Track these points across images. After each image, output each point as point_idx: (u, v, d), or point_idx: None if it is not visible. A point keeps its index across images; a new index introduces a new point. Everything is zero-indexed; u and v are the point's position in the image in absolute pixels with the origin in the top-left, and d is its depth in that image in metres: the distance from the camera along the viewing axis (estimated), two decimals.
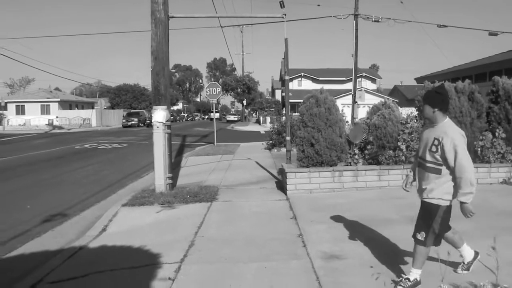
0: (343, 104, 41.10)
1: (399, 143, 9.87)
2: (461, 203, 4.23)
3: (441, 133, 4.25)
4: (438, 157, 4.29)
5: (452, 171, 4.25)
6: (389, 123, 9.99)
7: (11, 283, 5.48)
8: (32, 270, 5.92)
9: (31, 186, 12.66)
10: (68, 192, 11.67)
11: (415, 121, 10.29)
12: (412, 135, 9.90)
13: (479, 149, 10.07)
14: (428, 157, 4.37)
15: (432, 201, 4.38)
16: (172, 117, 33.22)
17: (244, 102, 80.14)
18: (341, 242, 6.25)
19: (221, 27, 22.01)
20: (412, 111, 11.30)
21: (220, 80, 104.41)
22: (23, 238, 7.64)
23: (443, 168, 4.30)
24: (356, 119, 21.47)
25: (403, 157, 9.85)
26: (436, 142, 4.27)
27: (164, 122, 10.03)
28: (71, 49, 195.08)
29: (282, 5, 11.48)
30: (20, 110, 63.95)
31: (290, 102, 13.12)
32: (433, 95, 4.34)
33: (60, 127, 55.97)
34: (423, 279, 4.57)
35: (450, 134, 4.23)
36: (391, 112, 10.15)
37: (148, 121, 59.55)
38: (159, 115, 10.00)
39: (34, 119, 60.61)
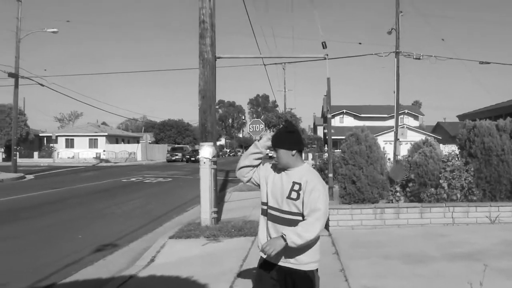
0: (385, 141, 40.94)
1: (440, 181, 9.95)
2: (282, 237, 3.43)
3: (302, 176, 3.58)
4: (299, 205, 3.54)
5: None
6: (430, 161, 10.11)
7: None
8: None
9: (82, 217, 13.23)
10: (116, 224, 12.15)
11: (457, 159, 10.36)
12: (454, 173, 9.98)
13: None
14: (286, 207, 3.57)
15: (305, 268, 3.57)
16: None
17: None
18: (382, 277, 6.39)
19: (264, 65, 22.62)
20: (454, 149, 11.35)
21: (262, 116, 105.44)
22: (77, 266, 8.06)
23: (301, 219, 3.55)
24: (398, 157, 21.45)
25: (445, 195, 9.92)
26: (296, 187, 3.54)
27: (211, 158, 10.44)
28: (117, 85, 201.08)
29: (324, 46, 11.88)
30: (70, 144, 66.07)
31: (332, 138, 13.38)
32: (287, 136, 3.62)
33: (107, 161, 57.58)
34: None
35: (313, 176, 3.61)
36: (432, 150, 10.27)
37: (188, 156, 60.37)
38: (206, 151, 10.42)
39: (83, 152, 62.52)
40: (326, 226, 10.06)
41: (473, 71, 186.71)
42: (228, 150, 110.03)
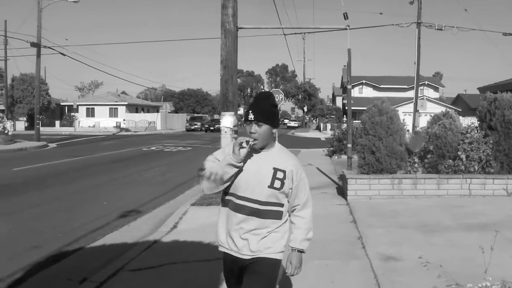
0: (404, 113, 40.62)
1: (459, 153, 10.06)
2: (299, 251, 3.16)
3: (283, 161, 3.10)
4: (280, 195, 3.08)
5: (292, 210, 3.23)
6: (449, 133, 10.20)
7: (96, 269, 6.16)
8: (113, 259, 6.59)
9: (106, 184, 13.62)
10: (139, 191, 12.51)
11: (476, 131, 10.43)
12: (472, 145, 10.06)
13: None
14: (264, 197, 3.04)
15: (274, 256, 3.10)
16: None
17: (305, 109, 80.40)
18: (398, 245, 6.60)
19: (284, 34, 22.49)
20: (474, 121, 11.40)
21: (281, 86, 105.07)
22: (102, 231, 8.41)
23: (284, 210, 3.14)
24: (417, 128, 21.46)
25: (463, 166, 10.03)
26: (279, 175, 3.04)
27: (232, 127, 10.63)
28: (137, 54, 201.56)
29: (345, 17, 11.89)
30: (90, 113, 66.64)
31: (351, 109, 13.49)
32: (272, 111, 3.07)
33: (127, 130, 58.20)
34: None
35: (295, 162, 3.18)
36: (452, 122, 10.35)
37: (207, 126, 60.58)
38: (227, 120, 10.61)
39: (103, 121, 63.13)
40: (344, 196, 10.27)
41: (496, 43, 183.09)
42: (239, 123, 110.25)
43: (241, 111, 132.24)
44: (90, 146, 30.70)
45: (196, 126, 61.08)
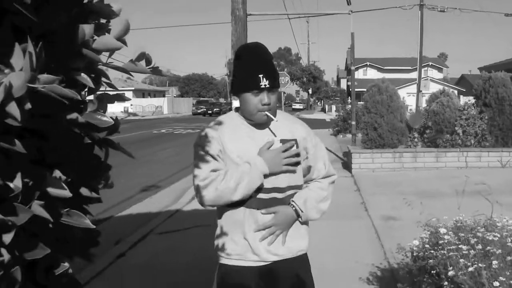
0: (408, 93, 41.17)
1: (456, 128, 10.78)
2: (295, 210, 2.30)
3: (290, 129, 2.37)
4: (297, 173, 2.37)
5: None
6: (447, 109, 10.92)
7: (127, 234, 6.95)
8: (141, 225, 7.38)
9: (122, 164, 14.22)
10: (156, 169, 13.30)
11: (472, 108, 11.14)
12: (469, 120, 10.78)
13: None
14: (283, 182, 2.29)
15: (304, 255, 2.44)
16: None
17: (310, 91, 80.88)
18: (398, 209, 7.36)
19: (289, 18, 23.12)
20: (470, 99, 12.11)
21: (285, 69, 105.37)
22: (128, 203, 9.20)
23: None
24: (420, 108, 22.17)
25: (460, 140, 10.76)
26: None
27: None
28: (141, 39, 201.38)
29: (348, 2, 12.52)
30: None
31: (356, 90, 14.20)
32: (278, 72, 2.36)
33: (134, 114, 58.92)
34: None
35: (305, 126, 2.50)
36: (449, 100, 11.07)
37: (204, 109, 60.40)
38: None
39: (111, 107, 62.88)
40: (349, 169, 11.03)
41: (499, 23, 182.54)
42: None
43: None
44: None
45: (202, 110, 61.74)
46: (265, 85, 2.14)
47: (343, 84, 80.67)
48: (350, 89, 13.06)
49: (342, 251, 5.60)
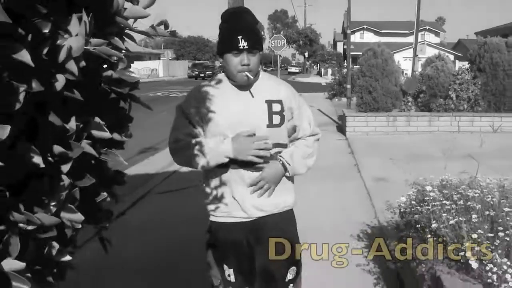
0: (404, 57, 41.09)
1: (449, 93, 10.93)
2: (283, 164, 2.39)
3: (275, 90, 2.43)
4: (282, 133, 2.42)
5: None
6: (441, 74, 11.04)
7: (125, 194, 7.14)
8: (140, 186, 7.57)
9: None
10: (153, 132, 13.40)
11: (466, 73, 11.25)
12: (462, 85, 10.91)
13: None
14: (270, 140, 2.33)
15: (290, 211, 2.54)
16: None
17: (306, 55, 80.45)
18: (389, 170, 7.58)
19: None
20: (465, 64, 12.21)
21: (282, 32, 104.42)
22: (128, 164, 9.36)
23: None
24: (416, 72, 22.25)
25: (453, 105, 10.92)
26: (276, 108, 2.37)
27: None
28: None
29: None
30: None
31: (352, 54, 14.27)
32: (260, 35, 2.35)
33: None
34: None
35: (289, 86, 2.54)
36: (444, 64, 11.18)
37: (197, 72, 59.47)
38: None
39: None
40: (344, 132, 11.21)
41: None
42: None
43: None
44: None
45: (195, 73, 61.32)
46: (243, 46, 2.19)
47: (340, 47, 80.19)
48: (347, 53, 13.14)
49: (335, 210, 5.82)
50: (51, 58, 1.04)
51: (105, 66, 1.34)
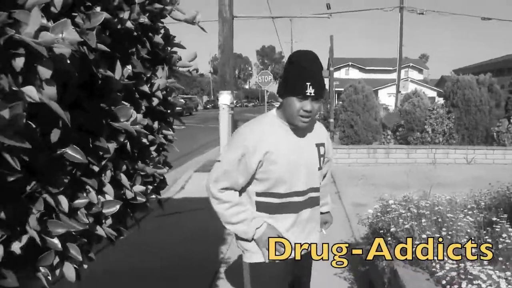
0: (389, 93, 42.17)
1: (426, 127, 11.68)
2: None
3: (319, 133, 2.58)
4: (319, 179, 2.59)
5: None
6: (418, 109, 11.81)
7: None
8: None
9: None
10: None
11: (441, 108, 12.04)
12: (438, 120, 11.68)
13: (495, 134, 11.77)
14: (317, 182, 2.55)
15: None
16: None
17: None
18: (368, 197, 8.16)
19: (272, 18, 23.80)
20: (439, 100, 13.02)
21: (269, 67, 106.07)
22: None
23: None
24: (397, 108, 23.16)
25: (429, 138, 11.67)
26: (322, 151, 2.53)
27: (229, 104, 12.10)
28: None
29: (328, 7, 13.36)
30: None
31: (337, 90, 15.07)
32: (324, 83, 2.41)
33: None
34: None
35: (324, 128, 2.71)
36: (419, 100, 11.97)
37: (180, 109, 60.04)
38: (225, 98, 12.06)
39: None
40: None
41: (476, 27, 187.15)
42: (234, 101, 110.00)
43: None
44: None
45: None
46: (310, 93, 2.22)
47: (326, 83, 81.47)
48: (330, 89, 13.93)
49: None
50: (150, 90, 1.89)
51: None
